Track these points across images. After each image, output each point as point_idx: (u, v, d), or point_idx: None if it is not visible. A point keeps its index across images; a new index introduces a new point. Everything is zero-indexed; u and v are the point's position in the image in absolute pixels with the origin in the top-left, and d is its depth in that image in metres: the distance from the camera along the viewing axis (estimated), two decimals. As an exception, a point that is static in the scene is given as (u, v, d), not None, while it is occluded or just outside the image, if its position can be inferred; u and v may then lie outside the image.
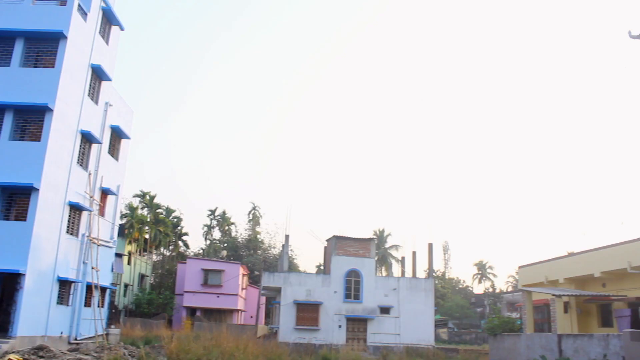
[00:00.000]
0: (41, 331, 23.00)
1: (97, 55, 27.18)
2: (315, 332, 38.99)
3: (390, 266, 73.80)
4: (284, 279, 40.33)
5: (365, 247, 41.45)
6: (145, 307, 54.35)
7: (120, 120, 30.45)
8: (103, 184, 28.61)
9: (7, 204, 23.13)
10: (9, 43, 24.35)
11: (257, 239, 75.03)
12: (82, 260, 26.50)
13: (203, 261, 56.25)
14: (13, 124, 23.42)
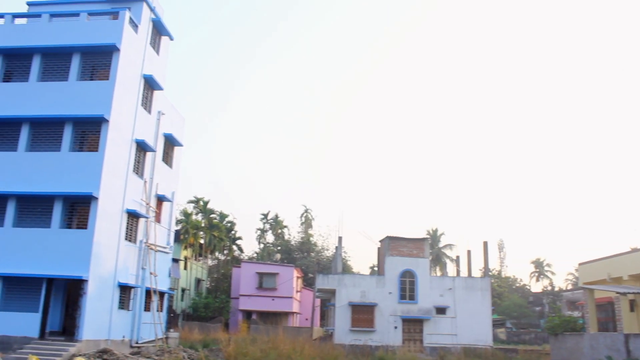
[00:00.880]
0: (104, 335, 23.71)
1: (148, 65, 27.87)
2: (371, 333, 38.79)
3: (444, 266, 72.78)
4: (338, 280, 40.29)
5: (419, 247, 41.01)
6: (202, 311, 55.23)
7: (172, 128, 31.13)
8: (158, 191, 29.29)
9: (69, 213, 23.95)
10: (67, 58, 25.26)
11: (310, 242, 75.29)
12: (141, 266, 27.18)
13: (257, 265, 56.76)
14: (72, 136, 24.26)
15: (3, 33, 25.93)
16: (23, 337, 21.77)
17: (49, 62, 25.59)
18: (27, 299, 22.69)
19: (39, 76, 25.33)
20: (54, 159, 23.91)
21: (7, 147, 24.89)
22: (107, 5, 27.35)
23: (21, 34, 25.83)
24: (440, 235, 76.38)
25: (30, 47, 25.31)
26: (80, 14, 25.86)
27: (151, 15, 28.24)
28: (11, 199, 23.71)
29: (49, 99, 24.58)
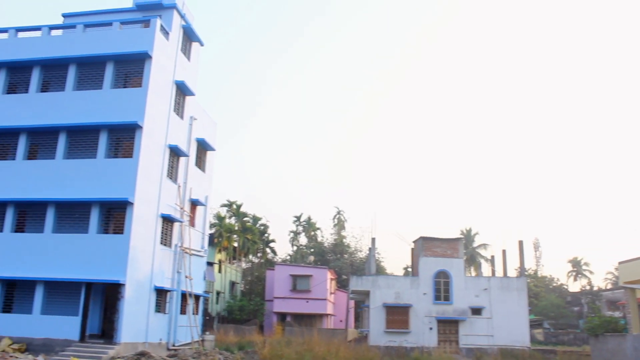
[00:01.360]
0: (142, 338, 24.11)
1: (180, 71, 28.28)
2: (406, 334, 38.59)
3: (479, 266, 71.96)
4: (372, 282, 40.20)
5: (453, 247, 40.67)
6: (237, 314, 55.64)
7: (204, 133, 31.50)
8: (192, 196, 29.67)
9: (106, 218, 24.44)
10: (101, 67, 25.81)
11: (343, 243, 75.22)
12: (176, 270, 27.55)
13: (291, 267, 56.95)
14: (107, 143, 24.76)
15: (40, 45, 26.64)
16: (64, 340, 22.30)
17: (83, 71, 26.18)
18: (68, 302, 23.25)
19: (74, 85, 25.94)
20: (90, 166, 24.45)
21: (45, 155, 25.57)
22: (138, 14, 27.86)
23: (57, 45, 26.48)
24: (474, 235, 75.58)
25: (65, 58, 25.94)
26: (113, 24, 26.38)
27: (181, 22, 28.65)
28: (50, 205, 24.32)
29: (84, 107, 25.14)
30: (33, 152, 26.01)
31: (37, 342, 22.44)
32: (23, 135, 25.55)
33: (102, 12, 28.53)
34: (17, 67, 26.76)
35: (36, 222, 24.89)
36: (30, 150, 25.86)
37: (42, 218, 24.55)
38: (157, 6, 27.78)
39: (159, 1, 27.75)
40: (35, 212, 24.96)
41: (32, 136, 25.77)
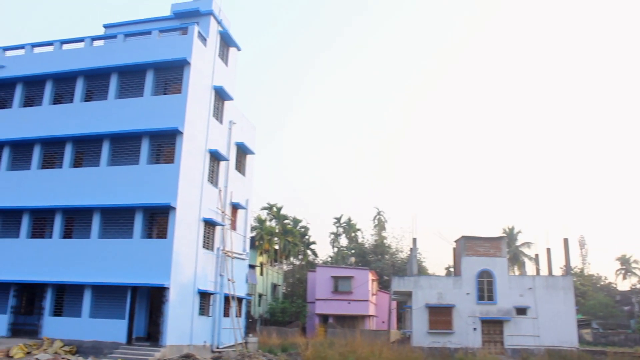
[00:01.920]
0: (186, 340, 24.46)
1: (218, 76, 28.62)
2: (449, 335, 38.13)
3: (523, 265, 70.60)
4: (414, 282, 39.88)
5: (496, 246, 40.02)
6: (280, 316, 55.91)
7: (243, 137, 31.80)
8: (233, 199, 29.98)
9: (149, 223, 24.90)
10: (141, 75, 26.33)
11: (384, 244, 74.87)
12: (219, 273, 27.87)
13: (332, 268, 56.97)
14: (149, 149, 25.23)
15: (84, 56, 27.35)
16: (112, 343, 22.81)
17: (125, 79, 26.75)
18: (115, 306, 23.78)
19: (116, 94, 26.52)
20: (133, 172, 24.95)
21: (90, 162, 26.23)
22: (176, 22, 28.31)
23: (99, 55, 27.14)
24: (517, 234, 74.27)
25: (107, 67, 26.55)
26: (152, 32, 26.86)
27: (218, 28, 29.00)
28: (96, 211, 24.92)
29: (126, 114, 25.68)
30: (79, 160, 26.71)
31: (87, 345, 23.03)
32: (69, 144, 26.27)
33: (141, 22, 29.09)
34: (62, 78, 27.55)
35: (83, 228, 25.54)
36: (76, 158, 26.57)
37: (88, 224, 25.17)
38: (195, 13, 28.18)
39: (196, 8, 28.14)
40: (82, 219, 25.60)
41: (77, 144, 26.47)
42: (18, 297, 25.32)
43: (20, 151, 27.38)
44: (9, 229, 26.60)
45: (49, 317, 24.39)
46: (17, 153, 27.42)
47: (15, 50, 29.09)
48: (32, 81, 28.05)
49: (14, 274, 25.16)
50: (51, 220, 25.93)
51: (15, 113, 27.76)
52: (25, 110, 27.75)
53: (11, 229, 26.52)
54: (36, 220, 26.37)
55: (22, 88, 28.15)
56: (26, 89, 28.24)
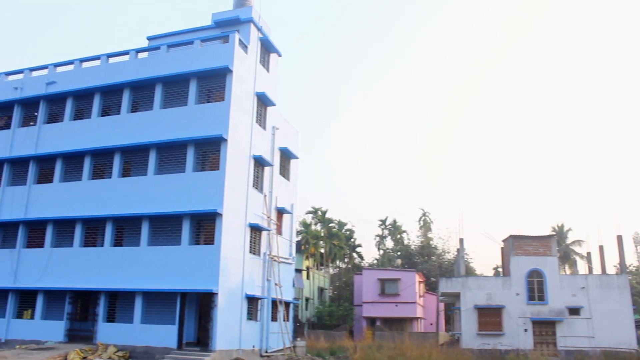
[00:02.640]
0: (235, 345, 24.72)
1: (260, 83, 28.89)
2: (500, 337, 37.44)
3: (574, 263, 68.77)
4: (462, 283, 39.37)
5: (546, 244, 39.14)
6: (327, 319, 55.94)
7: (287, 142, 32.00)
8: (278, 204, 30.20)
9: (196, 229, 25.28)
10: (185, 84, 26.79)
11: (430, 245, 74.16)
12: (266, 278, 28.08)
13: (378, 271, 56.70)
14: (194, 157, 25.63)
15: (129, 68, 28.01)
16: (164, 348, 23.24)
17: (169, 89, 27.26)
18: (165, 312, 24.21)
19: (161, 104, 27.05)
20: (179, 180, 25.38)
21: (138, 172, 26.81)
22: (217, 31, 28.70)
23: (144, 66, 27.74)
24: (567, 232, 72.30)
25: (152, 78, 27.10)
26: (194, 42, 27.28)
27: (259, 34, 29.27)
28: (145, 219, 25.46)
29: (171, 124, 26.17)
30: (127, 170, 27.34)
31: (139, 350, 23.54)
32: (117, 154, 26.93)
33: (183, 32, 29.60)
34: (109, 91, 28.28)
35: (133, 236, 26.12)
36: (124, 168, 27.21)
37: (138, 232, 25.73)
38: (235, 21, 28.52)
39: (236, 16, 28.49)
40: (132, 227, 26.19)
41: (125, 154, 27.11)
42: (73, 304, 26.09)
43: (71, 163, 28.24)
44: (63, 238, 27.45)
45: (103, 323, 25.04)
46: (69, 165, 28.29)
47: (65, 66, 30.06)
48: (81, 95, 28.90)
49: (68, 281, 25.96)
50: (102, 229, 26.64)
51: (66, 126, 28.65)
52: (75, 123, 28.62)
53: (65, 239, 27.36)
54: (88, 230, 27.12)
55: (72, 102, 29.04)
56: (76, 103, 29.12)
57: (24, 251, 27.72)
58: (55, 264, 26.64)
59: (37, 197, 28.14)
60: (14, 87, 30.44)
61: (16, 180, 29.34)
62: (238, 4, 30.14)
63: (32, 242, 27.99)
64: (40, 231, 27.83)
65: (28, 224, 28.16)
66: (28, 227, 28.22)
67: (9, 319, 26.99)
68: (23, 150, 29.05)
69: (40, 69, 30.50)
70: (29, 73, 30.73)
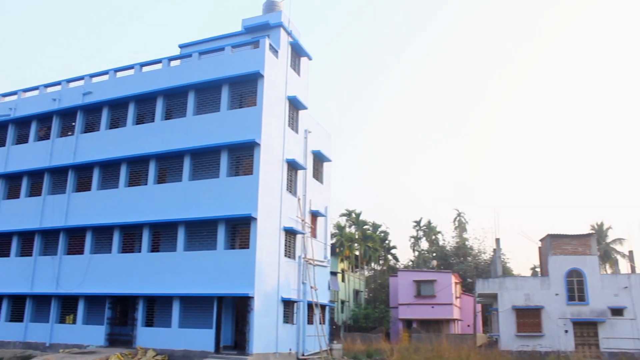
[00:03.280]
0: (272, 348, 24.82)
1: (291, 87, 29.00)
2: (539, 338, 36.78)
3: (615, 262, 67.19)
4: (499, 284, 38.82)
5: (585, 243, 38.33)
6: (363, 322, 55.79)
7: (319, 145, 32.06)
8: (312, 207, 30.26)
9: (232, 234, 25.48)
10: (217, 90, 27.05)
11: (466, 246, 73.38)
12: (301, 281, 28.15)
13: (414, 273, 56.35)
14: (228, 162, 25.83)
15: (162, 76, 28.42)
16: (201, 351, 23.46)
17: (202, 96, 27.55)
18: (202, 316, 24.45)
19: (194, 110, 27.35)
20: (214, 185, 25.60)
21: (173, 178, 27.17)
22: (247, 36, 28.92)
23: (176, 74, 28.10)
24: (607, 230, 70.68)
25: (185, 85, 27.42)
26: (225, 48, 27.52)
27: (289, 39, 29.39)
28: (181, 225, 25.77)
29: (205, 130, 26.44)
30: (162, 176, 27.73)
31: (178, 354, 23.82)
32: (153, 161, 27.34)
33: (214, 39, 29.91)
34: (143, 99, 28.73)
35: (169, 241, 26.45)
36: (159, 174, 27.60)
37: (174, 237, 26.06)
38: (265, 26, 28.70)
39: (266, 21, 28.66)
40: (168, 232, 26.53)
41: (160, 161, 27.49)
42: (113, 308, 26.57)
43: (108, 171, 28.78)
44: (102, 245, 27.99)
45: (142, 327, 25.41)
46: (106, 172, 28.84)
47: (100, 76, 30.66)
48: (116, 104, 29.44)
49: (108, 287, 26.46)
50: (139, 235, 27.07)
51: (103, 135, 29.22)
52: (111, 132, 29.16)
53: (104, 245, 27.89)
54: (126, 236, 27.58)
55: (108, 111, 29.60)
56: (111, 112, 29.67)
57: (65, 258, 28.37)
58: (95, 270, 27.19)
59: (76, 205, 28.79)
60: (53, 98, 31.26)
61: (56, 189, 30.08)
62: (267, 9, 30.34)
63: (72, 249, 28.63)
64: (80, 238, 28.45)
65: (68, 231, 28.81)
66: (68, 235, 28.88)
67: (52, 324, 27.66)
68: (62, 159, 29.76)
69: (77, 80, 31.22)
70: (66, 84, 31.48)
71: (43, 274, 28.52)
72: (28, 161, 30.93)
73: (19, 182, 31.41)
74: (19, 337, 28.19)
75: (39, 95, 32.33)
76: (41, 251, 29.39)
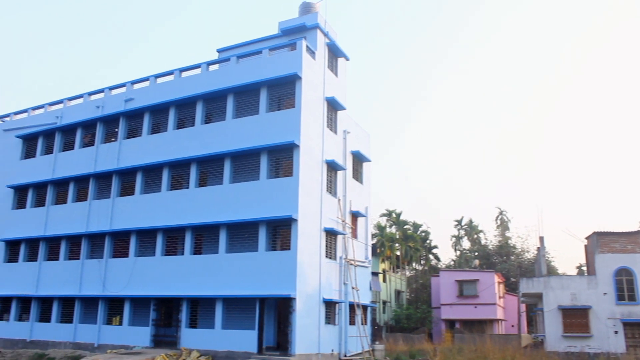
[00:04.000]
0: (314, 349, 24.86)
1: (329, 88, 29.01)
2: (587, 339, 35.85)
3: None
4: (544, 283, 38.03)
5: (634, 241, 37.19)
6: (405, 322, 55.46)
7: (359, 145, 31.99)
8: (352, 208, 30.20)
9: (273, 236, 25.61)
10: (256, 93, 27.25)
11: (509, 245, 72.21)
12: (343, 282, 28.11)
13: (456, 272, 55.74)
14: (268, 164, 25.99)
15: (201, 81, 28.79)
16: (244, 352, 23.67)
17: (240, 99, 27.78)
18: (244, 317, 24.65)
19: (233, 114, 27.59)
20: (254, 187, 25.78)
21: (214, 181, 27.48)
22: (284, 39, 29.04)
23: (215, 78, 28.43)
24: (657, 226, 68.59)
25: (224, 89, 27.69)
26: (263, 51, 27.67)
27: (325, 40, 29.40)
28: (222, 227, 26.04)
29: (244, 133, 26.65)
30: (203, 180, 28.07)
31: (221, 355, 24.08)
32: (194, 165, 27.71)
33: (251, 42, 30.12)
34: (183, 104, 29.17)
35: (211, 243, 26.75)
36: (200, 177, 27.95)
37: (215, 240, 26.35)
38: (301, 28, 28.78)
39: (302, 23, 28.73)
40: (210, 235, 26.83)
41: (201, 165, 27.85)
42: (157, 310, 27.03)
43: (150, 175, 29.31)
44: (146, 247, 28.52)
45: (186, 328, 25.77)
46: (148, 177, 29.37)
47: (141, 82, 31.30)
48: (157, 109, 29.94)
49: (152, 289, 26.94)
50: (182, 237, 27.46)
51: (145, 140, 29.79)
52: (153, 137, 29.69)
53: (148, 248, 28.42)
54: (169, 239, 28.02)
55: (149, 117, 30.14)
56: (152, 117, 30.21)
57: (111, 261, 29.02)
58: (139, 272, 27.74)
59: (120, 209, 29.42)
60: (96, 105, 32.04)
61: (101, 193, 30.79)
62: (303, 11, 30.41)
63: (117, 252, 29.27)
64: (125, 241, 29.06)
65: (113, 235, 29.46)
66: (113, 238, 29.52)
67: (100, 325, 28.34)
68: (106, 165, 30.46)
69: (119, 87, 31.90)
70: (109, 92, 32.21)
71: (90, 277, 29.27)
72: (74, 167, 31.80)
73: (66, 188, 32.30)
74: (69, 338, 29.02)
75: (83, 103, 33.22)
76: (88, 254, 30.14)
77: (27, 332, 30.68)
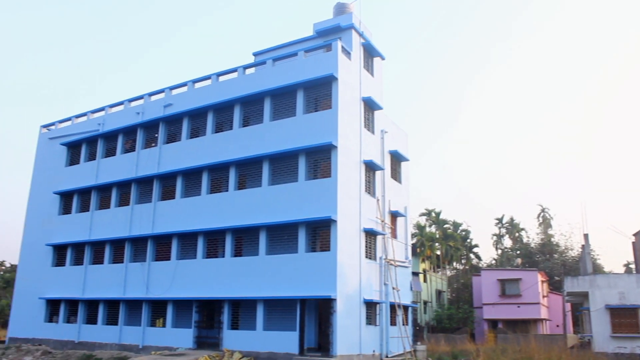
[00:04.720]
0: (356, 350, 24.80)
1: (365, 88, 28.92)
2: (638, 340, 34.75)
3: None
4: (590, 282, 37.05)
5: (684, 237, 36.04)
6: (446, 322, 54.89)
7: (396, 145, 31.81)
8: (391, 208, 30.06)
9: (312, 237, 25.66)
10: (292, 95, 27.35)
11: (552, 242, 70.75)
12: (383, 282, 27.98)
13: (497, 271, 54.88)
14: (306, 165, 26.05)
15: (238, 84, 29.06)
16: (286, 354, 23.77)
17: (277, 102, 27.93)
18: (285, 318, 24.77)
19: (271, 116, 27.75)
20: (293, 189, 25.88)
21: (253, 183, 27.71)
22: (319, 40, 29.09)
23: (252, 82, 28.65)
24: None
25: (260, 92, 27.88)
26: (298, 53, 27.77)
27: (361, 40, 29.32)
28: (262, 229, 26.22)
29: (282, 135, 26.79)
30: (242, 182, 28.33)
31: (263, 356, 24.24)
32: (232, 168, 27.98)
33: (286, 45, 30.28)
34: (221, 108, 29.49)
35: (251, 245, 26.97)
36: (239, 180, 28.21)
37: (255, 242, 26.55)
38: (336, 29, 28.76)
39: (337, 24, 28.71)
40: (250, 237, 27.06)
41: (239, 168, 28.10)
42: (200, 312, 27.36)
43: (190, 179, 29.72)
44: (187, 250, 28.92)
45: (228, 330, 26.03)
46: (188, 181, 29.79)
47: (179, 88, 31.76)
48: (196, 114, 30.36)
49: (194, 291, 27.31)
50: (222, 240, 27.75)
51: (184, 145, 30.22)
52: (192, 142, 30.10)
53: (189, 251, 28.81)
54: (209, 241, 28.35)
55: (188, 121, 30.57)
56: (191, 122, 30.62)
57: (153, 264, 29.53)
58: (181, 275, 28.15)
59: (162, 213, 29.92)
60: (137, 112, 32.66)
61: (143, 198, 31.37)
62: (338, 12, 30.40)
63: (159, 255, 29.77)
64: (166, 245, 29.54)
65: (155, 239, 29.97)
66: (155, 242, 30.03)
67: (144, 327, 28.86)
68: (147, 170, 31.04)
69: (158, 93, 32.46)
70: (148, 98, 32.82)
71: (134, 280, 29.85)
72: (117, 173, 32.50)
73: (109, 193, 33.03)
74: (115, 340, 29.64)
75: (123, 110, 33.94)
76: (131, 258, 30.75)
77: (75, 333, 31.52)
